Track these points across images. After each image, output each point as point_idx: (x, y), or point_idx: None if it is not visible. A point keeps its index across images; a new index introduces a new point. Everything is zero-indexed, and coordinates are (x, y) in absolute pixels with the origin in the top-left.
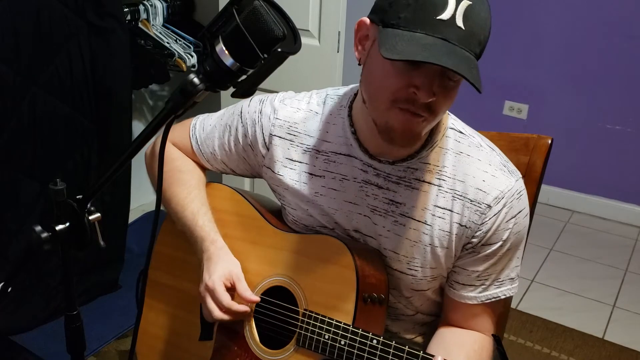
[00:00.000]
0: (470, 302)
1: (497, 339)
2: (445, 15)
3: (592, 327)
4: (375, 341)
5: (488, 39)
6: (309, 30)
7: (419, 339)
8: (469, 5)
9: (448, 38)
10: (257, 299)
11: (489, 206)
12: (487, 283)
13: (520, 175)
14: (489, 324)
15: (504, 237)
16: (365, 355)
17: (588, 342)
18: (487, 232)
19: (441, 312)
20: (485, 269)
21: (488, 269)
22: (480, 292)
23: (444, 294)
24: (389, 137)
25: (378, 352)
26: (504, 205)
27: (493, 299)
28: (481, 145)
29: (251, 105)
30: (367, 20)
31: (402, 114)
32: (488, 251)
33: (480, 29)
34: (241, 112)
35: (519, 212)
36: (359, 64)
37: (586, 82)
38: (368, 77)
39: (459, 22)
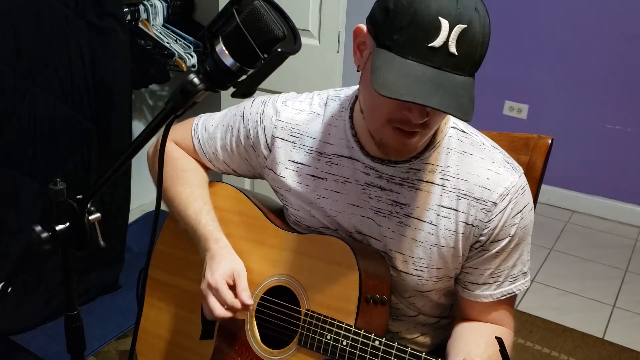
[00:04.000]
0: (486, 300)
1: (500, 342)
2: (438, 42)
3: (592, 327)
4: (377, 342)
5: (485, 55)
6: (309, 30)
7: (420, 339)
8: (463, 30)
9: (439, 66)
10: (251, 302)
11: (495, 203)
12: (501, 279)
13: (522, 171)
14: (507, 317)
15: (512, 233)
16: (367, 356)
17: (588, 342)
18: (494, 229)
19: (443, 314)
20: (497, 266)
21: (500, 266)
22: (495, 290)
23: (455, 296)
24: (384, 150)
25: (380, 353)
26: (510, 202)
27: (508, 295)
28: (484, 144)
29: (253, 106)
30: (364, 29)
31: (396, 133)
32: (497, 248)
33: (475, 51)
34: (243, 113)
35: (524, 206)
36: (358, 71)
37: (586, 82)
38: (364, 92)
39: (452, 48)
